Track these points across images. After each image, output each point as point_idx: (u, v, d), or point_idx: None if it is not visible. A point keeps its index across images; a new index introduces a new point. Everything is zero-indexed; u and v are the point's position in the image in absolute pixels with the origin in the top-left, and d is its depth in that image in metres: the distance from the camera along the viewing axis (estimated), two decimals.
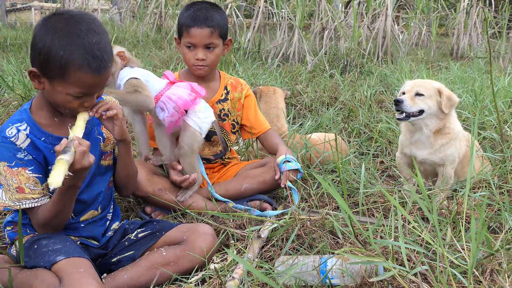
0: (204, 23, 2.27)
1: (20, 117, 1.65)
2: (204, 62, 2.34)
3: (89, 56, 1.50)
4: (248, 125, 2.56)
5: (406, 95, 2.42)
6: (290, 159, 2.34)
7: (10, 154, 1.59)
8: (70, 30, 1.50)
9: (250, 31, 7.24)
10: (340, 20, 7.03)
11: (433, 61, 7.86)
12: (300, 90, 4.62)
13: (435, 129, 2.43)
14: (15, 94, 3.62)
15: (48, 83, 1.56)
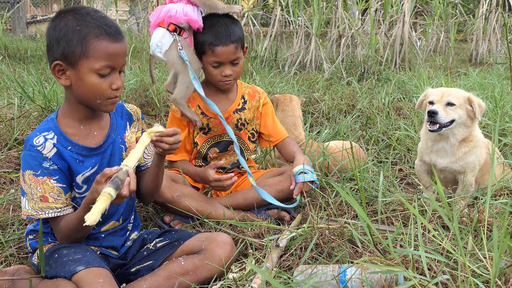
0: (228, 39, 2.27)
1: (47, 126, 1.67)
2: (231, 77, 2.35)
3: (104, 25, 1.58)
4: (266, 133, 2.57)
5: (438, 106, 2.37)
6: (307, 170, 2.33)
7: (36, 162, 1.60)
8: (79, 13, 1.59)
9: (267, 40, 7.26)
10: (357, 28, 7.01)
11: (451, 68, 7.78)
12: (317, 98, 4.61)
13: (461, 138, 2.40)
14: (35, 105, 3.68)
15: (73, 72, 1.59)
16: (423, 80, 5.21)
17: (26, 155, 1.62)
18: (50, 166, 1.62)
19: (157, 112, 3.93)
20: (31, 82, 4.25)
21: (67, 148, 1.65)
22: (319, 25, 6.91)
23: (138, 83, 4.22)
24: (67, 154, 1.64)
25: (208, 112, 2.43)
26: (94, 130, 1.71)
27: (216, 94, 2.45)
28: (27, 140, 1.63)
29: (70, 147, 1.65)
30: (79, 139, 1.69)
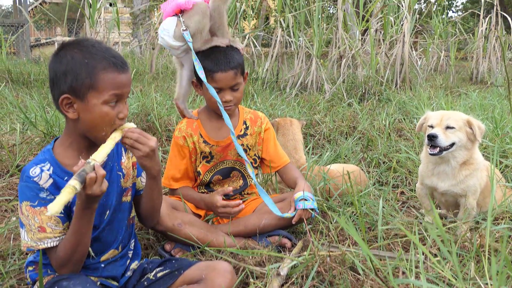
0: (228, 66, 2.29)
1: (43, 157, 1.68)
2: (231, 102, 2.37)
3: (111, 57, 1.61)
4: (267, 158, 2.57)
5: (437, 129, 2.38)
6: (307, 197, 2.33)
7: (33, 193, 1.61)
8: (84, 45, 1.62)
9: (268, 61, 7.31)
10: (357, 49, 7.06)
11: (452, 87, 7.81)
12: (318, 120, 4.63)
13: (462, 161, 2.40)
14: (37, 131, 3.70)
15: (81, 105, 1.60)
16: (423, 101, 5.23)
17: (23, 187, 1.62)
18: (47, 196, 1.62)
19: (159, 136, 3.94)
20: (33, 108, 4.28)
21: (63, 179, 1.65)
22: (319, 46, 6.96)
23: (139, 107, 4.24)
24: (63, 184, 1.63)
25: (210, 140, 2.44)
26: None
27: (217, 120, 2.46)
28: (23, 172, 1.64)
29: (67, 177, 1.65)
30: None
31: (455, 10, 25.54)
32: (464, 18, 16.65)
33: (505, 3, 20.06)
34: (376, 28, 8.13)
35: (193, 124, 2.46)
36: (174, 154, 2.48)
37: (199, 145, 2.45)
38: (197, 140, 2.44)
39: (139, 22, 12.42)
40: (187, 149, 2.45)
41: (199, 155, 2.47)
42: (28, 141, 3.55)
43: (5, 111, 4.68)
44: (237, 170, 2.52)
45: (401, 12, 7.39)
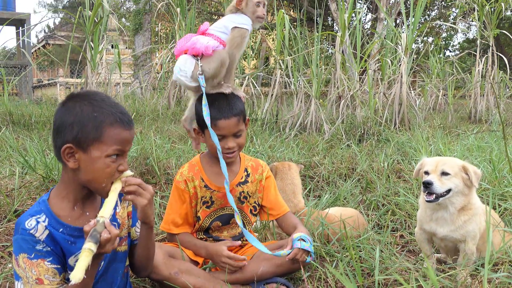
0: (231, 113, 2.32)
1: (39, 208, 1.69)
2: (234, 149, 2.39)
3: (118, 113, 1.66)
4: (268, 206, 2.57)
5: (433, 176, 2.39)
6: (306, 238, 2.32)
7: (29, 246, 1.61)
8: (93, 98, 1.66)
9: (268, 101, 7.38)
10: (356, 90, 7.14)
11: (450, 127, 7.86)
12: (317, 162, 4.64)
13: (460, 207, 2.40)
14: (36, 175, 3.71)
15: (83, 156, 1.63)
16: (421, 142, 5.25)
17: (19, 239, 1.63)
18: (43, 248, 1.63)
19: (158, 180, 3.95)
20: (33, 151, 4.30)
21: (58, 230, 1.66)
22: (318, 87, 7.04)
23: (138, 151, 4.27)
24: (58, 236, 1.66)
25: (212, 185, 2.45)
26: (87, 210, 1.74)
27: (219, 165, 2.46)
28: (18, 224, 1.65)
29: (62, 228, 1.67)
30: (71, 220, 1.70)
31: (452, 50, 25.92)
32: (461, 57, 16.91)
33: (501, 42, 20.38)
34: (374, 69, 8.24)
35: (194, 169, 2.48)
36: (174, 198, 2.49)
37: (200, 189, 2.45)
38: (198, 185, 2.45)
39: (140, 64, 12.62)
40: (188, 193, 2.46)
41: (199, 200, 2.47)
42: (27, 185, 3.56)
43: (5, 154, 4.70)
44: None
45: (398, 53, 7.50)
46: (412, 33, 7.28)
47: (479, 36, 9.58)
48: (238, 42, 2.37)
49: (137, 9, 14.25)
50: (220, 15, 17.09)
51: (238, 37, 2.37)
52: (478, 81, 9.32)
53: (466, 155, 4.37)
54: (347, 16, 7.23)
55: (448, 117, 9.33)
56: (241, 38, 2.37)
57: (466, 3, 10.89)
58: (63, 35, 23.73)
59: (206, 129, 2.35)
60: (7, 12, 13.66)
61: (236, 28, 2.38)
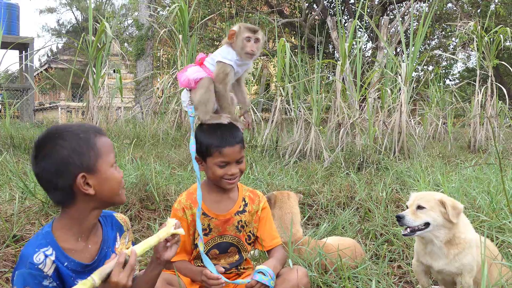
0: (235, 140, 2.37)
1: (45, 241, 1.65)
2: (236, 174, 2.42)
3: (91, 127, 1.73)
4: (261, 237, 2.58)
5: (408, 210, 2.45)
6: (267, 273, 2.33)
7: (36, 281, 1.59)
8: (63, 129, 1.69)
9: (268, 128, 7.42)
10: (355, 118, 7.19)
11: (449, 156, 7.88)
12: (316, 190, 4.66)
13: (445, 240, 2.41)
14: (36, 200, 3.72)
15: (95, 176, 1.66)
16: (419, 171, 5.28)
17: (25, 274, 1.58)
18: (49, 284, 1.61)
19: (157, 207, 3.96)
20: (33, 176, 4.32)
21: (63, 264, 1.65)
22: (318, 115, 7.10)
23: (138, 177, 4.28)
24: (64, 271, 1.64)
25: (210, 212, 2.47)
26: (89, 243, 1.74)
27: (217, 193, 2.49)
28: (26, 257, 1.61)
29: (67, 263, 1.65)
30: (75, 253, 1.69)
31: (452, 79, 26.13)
32: (461, 86, 17.02)
33: (501, 72, 20.55)
34: (373, 97, 8.30)
35: (192, 196, 2.49)
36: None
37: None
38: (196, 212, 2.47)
39: (141, 89, 12.72)
40: (186, 221, 2.47)
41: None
42: (26, 210, 3.57)
43: (5, 178, 4.72)
44: (234, 246, 2.53)
45: (398, 83, 7.57)
46: (412, 63, 7.36)
47: (478, 66, 9.68)
48: (221, 77, 2.40)
49: (140, 35, 14.43)
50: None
51: (221, 72, 2.40)
52: (477, 112, 9.37)
53: (464, 186, 4.38)
54: (347, 44, 7.32)
55: (448, 146, 9.36)
56: (224, 73, 2.40)
57: (465, 33, 11.02)
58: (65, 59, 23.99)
59: (208, 157, 2.39)
60: (11, 36, 13.84)
61: (220, 63, 2.41)
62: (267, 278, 2.32)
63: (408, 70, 7.29)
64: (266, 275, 2.32)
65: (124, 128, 9.07)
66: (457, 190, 4.19)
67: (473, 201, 3.95)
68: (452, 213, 2.37)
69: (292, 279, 2.38)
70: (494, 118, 9.36)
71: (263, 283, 2.31)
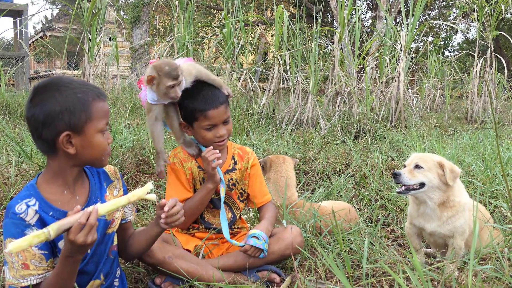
0: (218, 102, 2.36)
1: (28, 192, 1.68)
2: (225, 136, 2.43)
3: (93, 88, 1.71)
4: (252, 194, 2.62)
5: (405, 168, 2.47)
6: (261, 237, 2.37)
7: (18, 230, 1.60)
8: (65, 82, 1.68)
9: (265, 96, 7.40)
10: (353, 86, 7.17)
11: (446, 126, 7.90)
12: (312, 157, 4.68)
13: (439, 202, 2.44)
14: (32, 164, 3.73)
15: (80, 138, 1.66)
16: (415, 139, 5.29)
17: (8, 223, 1.62)
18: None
19: (153, 171, 3.98)
20: (29, 141, 4.33)
21: (48, 214, 1.66)
22: (315, 83, 7.07)
23: (134, 142, 4.29)
24: (49, 220, 1.64)
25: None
26: (76, 194, 1.75)
27: None
28: (9, 208, 1.64)
29: (52, 212, 1.67)
30: (62, 204, 1.70)
31: (451, 50, 25.96)
32: (460, 58, 16.93)
33: (501, 44, 20.42)
34: (372, 66, 8.27)
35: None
36: (173, 179, 2.51)
37: (195, 170, 2.50)
38: (193, 165, 2.50)
39: (138, 56, 12.62)
40: (184, 173, 2.49)
41: (197, 180, 2.52)
42: (23, 173, 3.58)
43: (2, 143, 4.72)
44: (225, 203, 2.56)
45: (396, 52, 7.53)
46: (411, 32, 7.31)
47: (478, 37, 9.62)
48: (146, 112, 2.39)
49: (136, 2, 14.26)
50: (219, 9, 17.07)
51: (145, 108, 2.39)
52: (475, 83, 9.35)
53: (459, 154, 4.41)
54: (346, 13, 7.25)
55: (445, 116, 9.37)
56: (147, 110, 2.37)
57: (466, 3, 10.91)
58: (60, 26, 23.67)
59: (194, 122, 2.39)
60: (4, 3, 13.62)
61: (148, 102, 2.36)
62: (261, 241, 2.36)
63: (407, 39, 7.24)
64: (259, 239, 2.36)
65: (120, 96, 9.03)
66: (452, 157, 4.21)
67: (468, 167, 3.98)
68: (450, 176, 2.39)
69: (287, 238, 2.42)
70: (494, 85, 9.34)
71: (257, 247, 2.35)
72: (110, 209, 1.59)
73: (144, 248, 1.96)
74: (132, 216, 2.04)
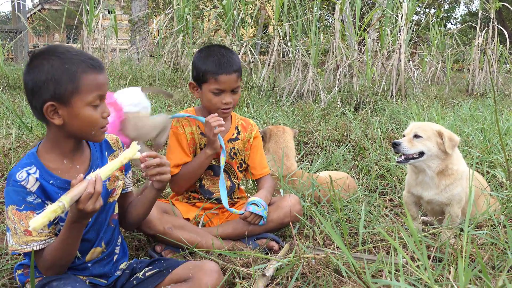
0: (231, 68, 2.36)
1: (29, 160, 1.68)
2: (230, 104, 2.43)
3: (88, 59, 1.64)
4: (251, 165, 2.64)
5: (404, 138, 2.48)
6: (260, 204, 2.40)
7: (20, 197, 1.61)
8: (58, 51, 1.63)
9: (265, 69, 7.36)
10: (353, 58, 7.13)
11: (447, 98, 7.88)
12: (312, 128, 4.69)
13: (437, 170, 2.46)
14: (32, 135, 3.75)
15: (66, 110, 1.62)
16: (415, 111, 5.29)
17: (10, 191, 1.63)
18: (34, 200, 1.63)
19: (153, 142, 3.99)
20: (29, 113, 4.33)
21: (49, 182, 1.66)
22: (316, 56, 7.03)
23: None
24: (49, 188, 1.65)
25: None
26: (76, 163, 1.74)
27: None
28: (10, 176, 1.65)
29: (52, 180, 1.67)
30: (62, 173, 1.70)
31: (453, 22, 25.71)
32: (462, 30, 16.77)
33: (504, 16, 20.22)
34: (373, 38, 8.20)
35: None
36: (173, 143, 2.53)
37: (196, 135, 2.52)
38: (195, 130, 2.51)
39: (137, 29, 12.51)
40: (185, 137, 2.51)
41: (198, 145, 2.54)
42: (24, 145, 3.60)
43: (1, 116, 4.73)
44: (225, 171, 2.58)
45: (398, 24, 7.47)
46: (413, 3, 7.24)
47: (481, 8, 9.52)
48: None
49: None
50: None
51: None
52: (477, 52, 9.28)
53: (459, 124, 4.42)
54: None
55: (446, 89, 9.34)
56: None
57: None
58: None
59: (203, 84, 2.40)
60: None
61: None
62: (260, 208, 2.38)
63: (408, 10, 7.17)
64: (259, 206, 2.39)
65: (120, 69, 8.99)
66: (452, 127, 4.22)
67: (467, 138, 4.00)
68: (449, 144, 2.41)
69: (285, 206, 2.45)
70: (493, 60, 9.29)
71: (257, 214, 2.38)
72: (108, 173, 1.60)
73: (143, 214, 1.96)
74: (132, 187, 2.06)
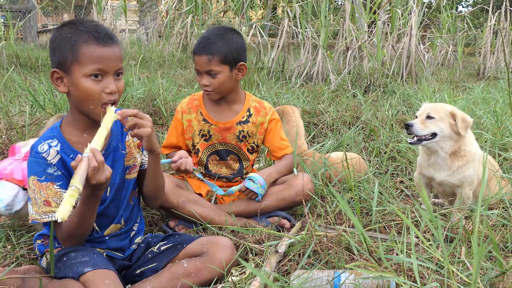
0: (203, 51, 2.35)
1: (52, 134, 1.74)
2: (208, 88, 2.42)
3: (93, 31, 1.65)
4: (271, 148, 2.64)
5: (417, 119, 2.47)
6: (257, 181, 2.42)
7: (41, 168, 1.66)
8: (74, 23, 1.69)
9: (274, 51, 7.33)
10: (363, 40, 7.08)
11: (458, 81, 7.83)
12: (322, 110, 4.68)
13: (450, 152, 2.46)
14: (46, 113, 3.78)
15: (68, 78, 1.66)
16: (427, 93, 5.27)
17: (31, 161, 1.68)
18: (54, 172, 1.68)
19: (165, 121, 4.02)
20: (41, 91, 4.36)
21: (69, 156, 1.70)
22: (326, 37, 6.99)
23: (146, 93, 4.32)
24: (69, 162, 1.67)
25: (210, 119, 2.52)
26: None
27: (220, 104, 2.53)
28: (32, 147, 1.70)
29: (73, 155, 1.70)
30: (82, 147, 1.69)
31: (465, 5, 25.38)
32: (473, 13, 16.58)
33: None
34: (383, 20, 8.13)
35: (194, 102, 2.56)
36: (171, 126, 2.64)
37: (198, 122, 2.54)
38: (195, 118, 2.54)
39: (146, 10, 12.48)
40: (181, 124, 2.57)
41: (196, 133, 2.55)
42: (37, 122, 3.64)
43: (14, 94, 4.76)
44: (234, 154, 2.60)
45: (409, 5, 7.40)
46: None
47: None
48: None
49: None
50: None
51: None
52: (489, 35, 9.18)
53: (470, 107, 4.40)
54: None
55: (456, 72, 9.27)
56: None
57: None
58: None
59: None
60: None
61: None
62: (256, 185, 2.41)
63: None
64: (255, 182, 2.41)
65: (129, 49, 8.99)
66: (464, 109, 4.21)
67: (479, 120, 3.98)
68: (461, 125, 2.40)
69: (297, 184, 2.46)
70: (506, 43, 9.19)
71: (251, 190, 2.40)
72: (100, 141, 1.58)
73: (151, 185, 1.92)
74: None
